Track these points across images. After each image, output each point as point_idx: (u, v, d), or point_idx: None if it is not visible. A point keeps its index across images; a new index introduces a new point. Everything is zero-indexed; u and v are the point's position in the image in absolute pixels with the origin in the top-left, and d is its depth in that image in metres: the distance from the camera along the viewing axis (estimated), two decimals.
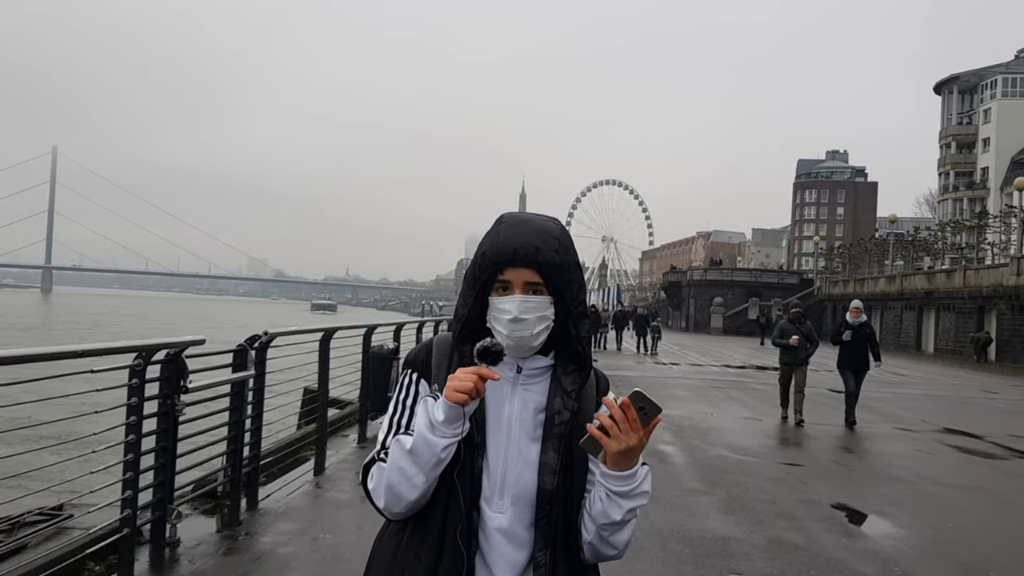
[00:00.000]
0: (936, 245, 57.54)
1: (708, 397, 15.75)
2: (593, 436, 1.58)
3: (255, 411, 6.23)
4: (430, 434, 1.60)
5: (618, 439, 1.56)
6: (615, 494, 1.61)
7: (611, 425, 1.57)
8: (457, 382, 1.58)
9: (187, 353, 4.89)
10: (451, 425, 1.60)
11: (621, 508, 1.62)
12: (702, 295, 63.15)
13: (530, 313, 1.67)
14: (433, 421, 1.60)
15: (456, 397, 1.57)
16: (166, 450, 4.83)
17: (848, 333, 12.38)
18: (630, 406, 1.56)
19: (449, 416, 1.59)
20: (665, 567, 5.20)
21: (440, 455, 1.60)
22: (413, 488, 1.62)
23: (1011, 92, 72.10)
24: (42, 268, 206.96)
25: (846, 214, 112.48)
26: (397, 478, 1.62)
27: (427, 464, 1.60)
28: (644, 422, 1.57)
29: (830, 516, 6.82)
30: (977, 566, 5.68)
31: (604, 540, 1.66)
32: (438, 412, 1.60)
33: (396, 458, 1.63)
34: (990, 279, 37.55)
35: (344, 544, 5.29)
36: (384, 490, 1.64)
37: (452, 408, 1.58)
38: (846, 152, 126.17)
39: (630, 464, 1.60)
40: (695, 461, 8.86)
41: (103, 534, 4.49)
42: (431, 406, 1.62)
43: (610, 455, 1.58)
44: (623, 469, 1.60)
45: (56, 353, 3.95)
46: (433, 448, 1.59)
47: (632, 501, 1.62)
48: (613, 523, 1.63)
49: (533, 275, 1.68)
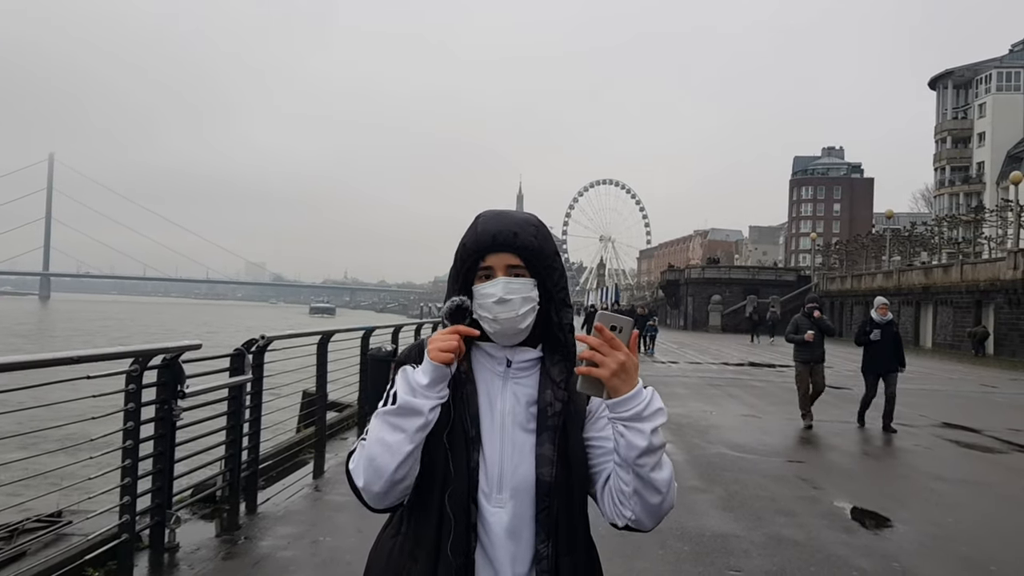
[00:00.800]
0: (933, 240, 57.53)
1: (707, 395, 15.75)
2: (584, 375, 1.59)
3: (253, 415, 6.23)
4: (413, 398, 1.59)
5: (606, 364, 1.57)
6: (630, 419, 1.59)
7: (592, 354, 1.57)
8: (440, 342, 1.59)
9: (184, 358, 4.90)
10: (435, 388, 1.59)
11: (643, 432, 1.59)
12: (700, 293, 63.21)
13: (514, 294, 1.68)
14: (415, 385, 1.59)
15: (441, 356, 1.57)
16: (164, 455, 4.84)
17: (876, 332, 11.55)
18: (603, 328, 1.58)
19: (434, 377, 1.59)
20: (664, 565, 5.20)
21: (428, 417, 1.59)
22: (394, 455, 1.58)
23: (1006, 86, 72.22)
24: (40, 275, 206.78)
25: (843, 210, 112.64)
26: (377, 449, 1.60)
27: (412, 427, 1.58)
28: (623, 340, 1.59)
29: (829, 512, 6.82)
30: (977, 561, 5.69)
31: (646, 483, 1.62)
32: (421, 376, 1.59)
33: (376, 429, 1.61)
34: (987, 273, 37.58)
35: (344, 547, 5.29)
36: (364, 465, 1.62)
37: (437, 368, 1.58)
38: (842, 149, 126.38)
39: (630, 385, 1.59)
40: (694, 459, 8.86)
41: (102, 540, 4.49)
42: (411, 373, 1.62)
43: (607, 382, 1.58)
44: (625, 392, 1.59)
45: (53, 360, 3.95)
46: (419, 410, 1.58)
47: (650, 422, 1.59)
48: (643, 452, 1.59)
49: (514, 258, 1.70)
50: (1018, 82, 71.94)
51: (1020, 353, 33.06)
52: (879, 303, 11.96)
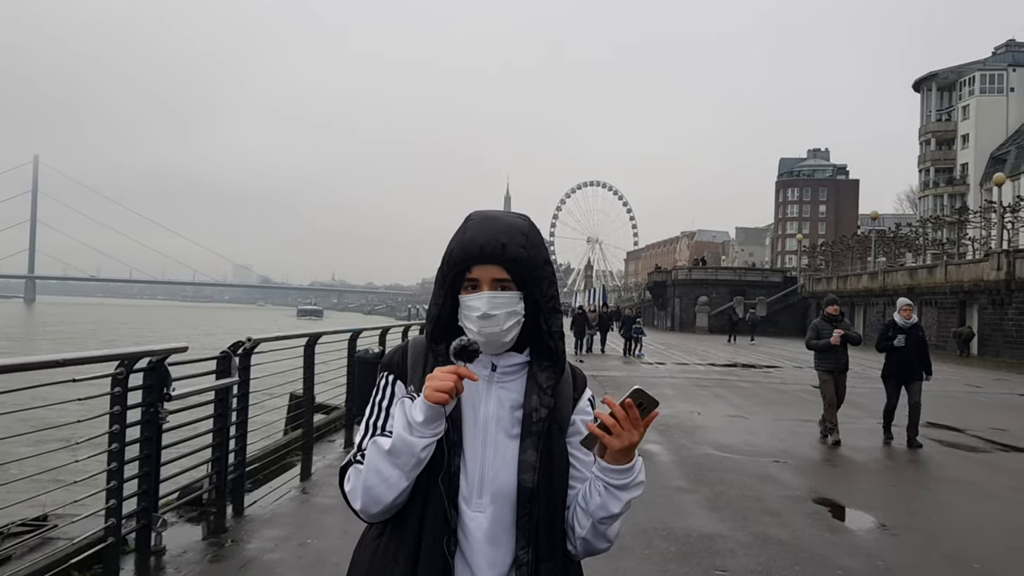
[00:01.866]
0: (918, 241, 57.88)
1: (694, 396, 15.82)
2: (594, 434, 1.62)
3: (240, 417, 6.22)
4: (408, 435, 1.60)
5: (620, 436, 1.59)
6: (615, 487, 1.65)
7: (614, 424, 1.59)
8: (437, 382, 1.58)
9: (170, 361, 4.89)
10: (430, 425, 1.60)
11: (620, 501, 1.66)
12: (687, 294, 63.35)
13: (499, 309, 1.68)
14: (412, 422, 1.60)
15: (436, 397, 1.57)
16: (150, 458, 4.82)
17: (901, 338, 10.49)
18: (632, 405, 1.60)
19: (429, 416, 1.59)
20: (651, 565, 5.22)
21: (420, 455, 1.60)
22: (391, 489, 1.62)
23: (989, 88, 72.75)
24: (25, 278, 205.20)
25: (828, 212, 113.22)
26: (374, 480, 1.62)
27: (407, 465, 1.61)
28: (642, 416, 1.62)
29: (814, 512, 6.87)
30: (960, 558, 5.74)
31: (600, 533, 1.70)
32: (417, 413, 1.60)
33: (373, 460, 1.63)
34: (971, 274, 37.85)
35: (330, 549, 5.28)
36: (361, 492, 1.64)
37: (432, 408, 1.58)
38: (827, 150, 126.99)
39: (628, 458, 1.63)
40: (681, 459, 8.90)
41: (88, 543, 4.48)
42: (408, 407, 1.63)
43: (611, 451, 1.62)
44: (622, 463, 1.63)
45: (38, 363, 3.94)
46: (413, 449, 1.59)
47: (630, 493, 1.67)
48: (611, 516, 1.67)
49: (500, 271, 1.69)
50: (1001, 84, 72.50)
51: (1004, 353, 33.31)
52: (902, 304, 10.83)
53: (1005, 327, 34.14)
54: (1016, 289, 33.35)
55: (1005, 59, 74.25)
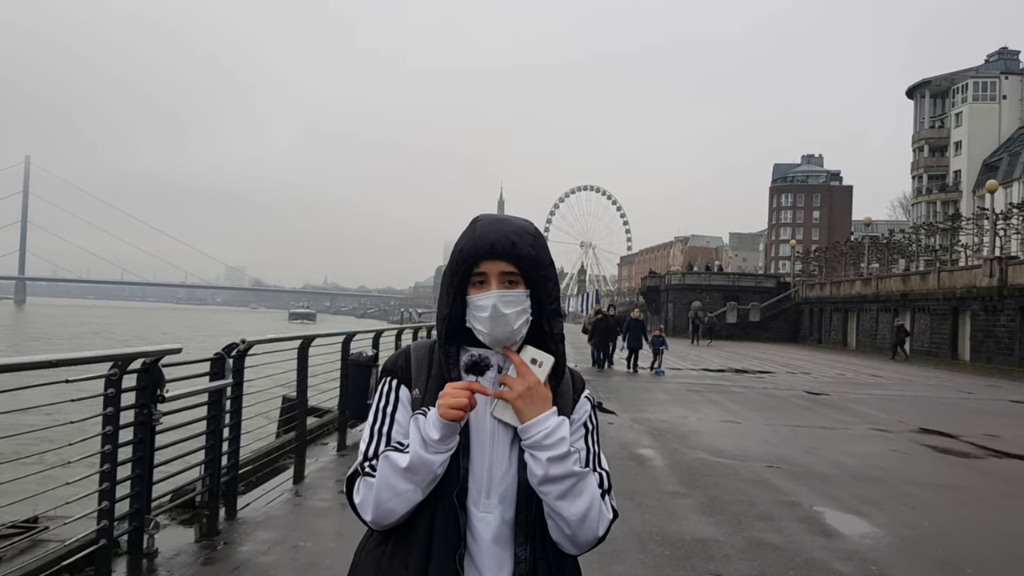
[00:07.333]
0: (911, 247, 58.09)
1: (687, 401, 15.82)
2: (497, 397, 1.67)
3: (233, 420, 6.20)
4: (425, 453, 1.62)
5: (513, 387, 1.65)
6: (530, 446, 1.65)
7: (504, 376, 1.67)
8: (451, 399, 1.60)
9: (163, 362, 4.86)
10: (446, 442, 1.63)
11: (539, 460, 1.63)
12: (680, 299, 63.35)
13: (509, 307, 1.69)
14: (427, 439, 1.62)
15: (451, 414, 1.59)
16: (143, 460, 4.80)
17: None
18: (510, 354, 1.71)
19: (444, 433, 1.61)
20: (645, 569, 5.22)
21: (437, 471, 1.63)
22: (405, 503, 1.64)
23: (981, 96, 73.07)
24: (15, 279, 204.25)
25: (822, 218, 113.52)
26: (387, 494, 1.64)
27: (423, 481, 1.63)
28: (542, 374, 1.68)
29: (808, 517, 6.87)
30: (953, 563, 5.75)
31: (552, 510, 1.66)
32: (432, 430, 1.62)
33: (387, 476, 1.64)
34: (964, 280, 37.95)
35: (324, 552, 5.27)
36: (373, 506, 1.65)
37: (447, 425, 1.61)
38: (821, 156, 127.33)
39: (535, 412, 1.65)
40: (674, 464, 8.90)
41: (79, 546, 4.45)
42: (423, 424, 1.64)
43: (512, 404, 1.65)
44: (530, 418, 1.65)
45: (31, 363, 3.91)
46: (431, 467, 1.62)
47: (545, 451, 1.63)
48: (541, 481, 1.64)
49: (509, 267, 1.71)
50: (994, 92, 72.83)
51: (996, 359, 33.40)
52: None
53: (997, 333, 34.22)
54: (1008, 296, 33.44)
55: (998, 67, 74.57)
